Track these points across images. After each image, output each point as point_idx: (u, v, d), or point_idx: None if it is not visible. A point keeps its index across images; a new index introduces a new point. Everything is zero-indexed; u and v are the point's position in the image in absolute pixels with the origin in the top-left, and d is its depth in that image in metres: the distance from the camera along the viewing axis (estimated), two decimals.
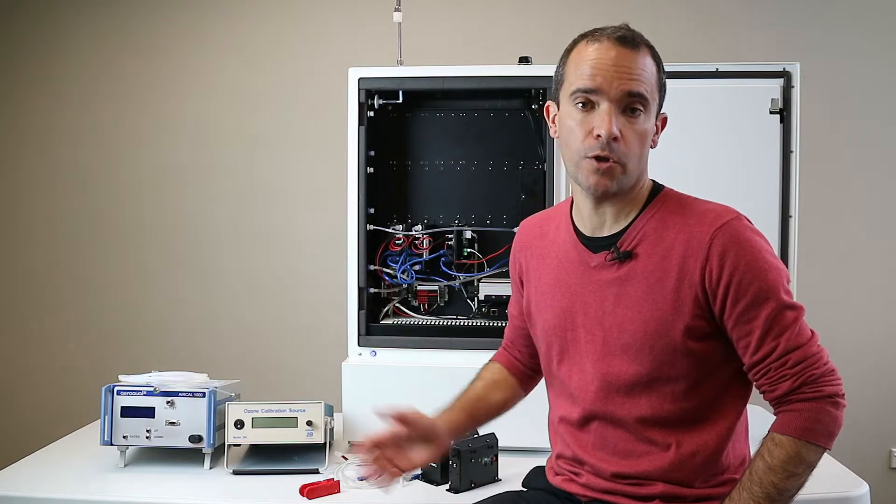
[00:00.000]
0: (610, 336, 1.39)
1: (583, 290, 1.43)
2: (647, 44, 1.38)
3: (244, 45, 3.38)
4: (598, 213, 1.42)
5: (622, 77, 1.32)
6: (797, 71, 2.09)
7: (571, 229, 1.47)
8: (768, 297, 1.30)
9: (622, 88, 1.32)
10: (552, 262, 1.49)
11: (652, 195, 1.42)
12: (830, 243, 3.17)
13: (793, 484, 1.29)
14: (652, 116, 1.38)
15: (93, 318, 3.48)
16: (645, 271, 1.36)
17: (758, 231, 1.36)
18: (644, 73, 1.34)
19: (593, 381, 1.41)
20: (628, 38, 1.35)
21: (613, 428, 1.40)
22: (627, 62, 1.33)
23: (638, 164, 1.37)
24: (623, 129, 1.33)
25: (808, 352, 1.30)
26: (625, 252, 1.38)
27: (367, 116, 2.16)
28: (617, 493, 1.40)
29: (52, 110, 3.47)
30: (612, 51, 1.34)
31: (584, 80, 1.34)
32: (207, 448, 1.93)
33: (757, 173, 2.10)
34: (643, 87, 1.34)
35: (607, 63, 1.33)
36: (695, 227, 1.34)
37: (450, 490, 1.84)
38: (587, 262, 1.43)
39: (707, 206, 1.38)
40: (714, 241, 1.31)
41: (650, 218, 1.39)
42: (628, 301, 1.37)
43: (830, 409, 1.29)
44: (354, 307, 2.17)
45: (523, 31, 3.21)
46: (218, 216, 3.42)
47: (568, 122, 1.38)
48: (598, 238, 1.43)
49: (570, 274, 1.45)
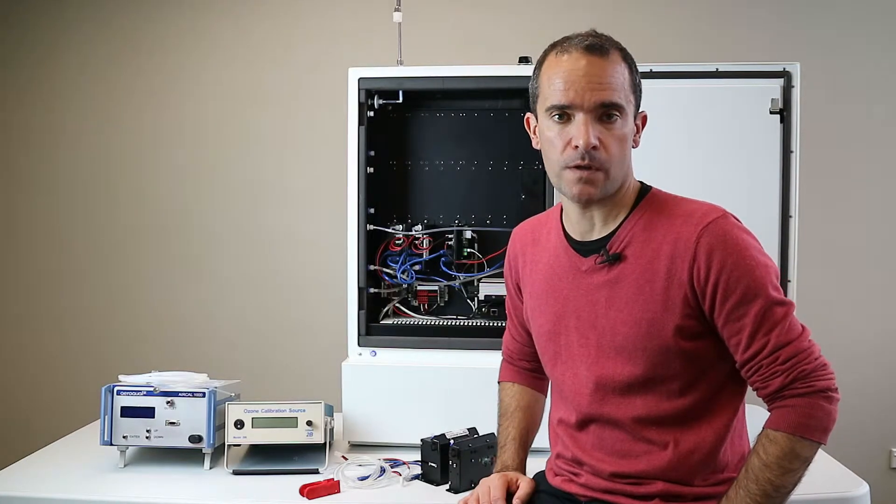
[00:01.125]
0: (603, 339, 1.40)
1: (574, 294, 1.44)
2: (616, 47, 1.38)
3: (244, 45, 3.39)
4: (585, 218, 1.43)
5: (594, 88, 1.33)
6: (797, 71, 2.10)
7: (562, 234, 1.48)
8: (757, 294, 1.30)
9: (595, 100, 1.33)
10: (544, 267, 1.50)
11: (640, 196, 1.43)
12: (830, 243, 3.17)
13: (789, 480, 1.29)
14: (630, 119, 1.38)
15: (93, 318, 3.48)
16: (634, 273, 1.37)
17: (745, 228, 1.36)
18: (615, 79, 1.35)
19: (588, 383, 1.42)
20: (596, 46, 1.35)
21: (611, 429, 1.41)
22: (598, 71, 1.34)
23: (621, 167, 1.38)
24: (601, 136, 1.34)
25: (798, 347, 1.30)
26: (614, 255, 1.39)
27: (367, 116, 2.16)
28: (616, 493, 1.40)
29: (52, 110, 3.47)
30: (581, 61, 1.34)
31: (558, 95, 1.35)
32: (207, 448, 1.93)
33: (757, 173, 2.10)
34: (616, 95, 1.34)
35: (578, 75, 1.34)
36: (682, 227, 1.35)
37: (450, 490, 1.83)
38: (578, 266, 1.44)
39: (693, 206, 1.38)
40: (701, 241, 1.32)
41: (638, 219, 1.40)
42: (619, 303, 1.38)
43: (823, 404, 1.29)
44: (354, 307, 2.17)
45: (523, 31, 3.21)
46: (218, 216, 3.42)
47: (547, 135, 1.39)
48: (588, 242, 1.44)
49: (562, 279, 1.46)
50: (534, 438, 1.65)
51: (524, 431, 1.62)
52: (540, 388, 1.68)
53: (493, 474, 1.53)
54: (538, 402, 1.68)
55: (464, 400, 2.02)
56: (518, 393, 1.67)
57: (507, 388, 1.70)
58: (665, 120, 1.59)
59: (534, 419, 1.66)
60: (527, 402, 1.66)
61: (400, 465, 1.97)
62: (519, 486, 1.50)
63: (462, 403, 2.03)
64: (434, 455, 1.87)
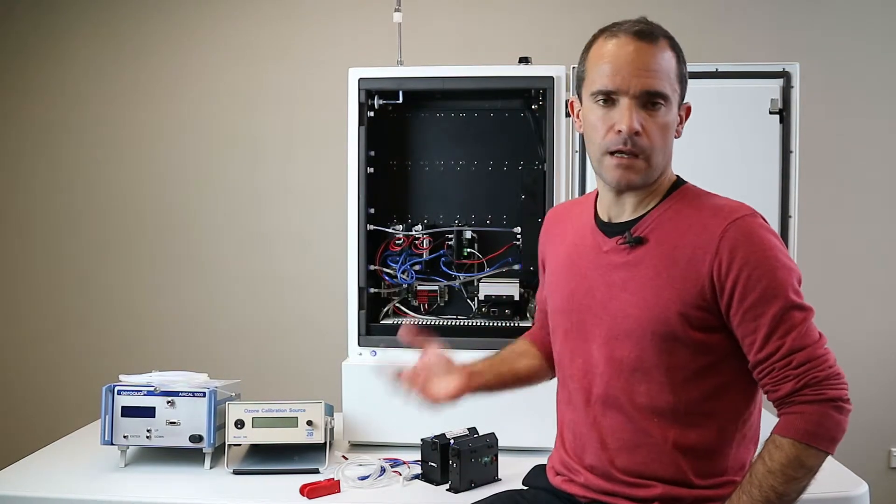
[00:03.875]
0: (615, 320, 1.39)
1: (593, 272, 1.44)
2: (665, 35, 1.38)
3: (245, 45, 3.39)
4: (618, 203, 1.44)
5: (640, 75, 1.33)
6: (797, 71, 2.10)
7: (593, 215, 1.49)
8: (776, 296, 1.29)
9: (641, 87, 1.33)
10: (568, 245, 1.51)
11: (673, 187, 1.43)
12: (830, 243, 3.17)
13: (792, 488, 1.27)
14: (674, 108, 1.38)
15: (93, 318, 3.49)
16: (654, 258, 1.37)
17: (772, 230, 1.36)
18: (662, 67, 1.35)
19: (597, 364, 1.42)
20: (646, 32, 1.35)
21: (613, 414, 1.40)
22: (646, 58, 1.34)
23: (662, 156, 1.38)
24: (644, 123, 1.34)
25: (813, 353, 1.29)
26: (636, 237, 1.39)
27: (367, 116, 2.16)
28: (616, 495, 1.40)
29: (54, 110, 3.47)
30: (629, 46, 1.34)
31: (604, 80, 1.35)
32: (208, 448, 1.93)
33: (756, 173, 2.10)
34: (662, 84, 1.34)
35: (625, 60, 1.34)
36: (709, 219, 1.35)
37: (450, 490, 1.83)
38: (600, 246, 1.44)
39: (724, 202, 1.38)
40: (726, 236, 1.31)
41: (667, 209, 1.40)
42: (634, 286, 1.38)
43: (833, 413, 1.28)
44: (354, 307, 2.17)
45: (523, 31, 3.21)
46: (218, 216, 3.42)
47: (590, 119, 1.39)
48: (614, 224, 1.44)
49: (582, 257, 1.47)
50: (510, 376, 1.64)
51: (497, 360, 1.63)
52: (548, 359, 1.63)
53: None
54: (534, 357, 1.67)
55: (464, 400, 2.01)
56: (523, 343, 1.69)
57: (518, 339, 1.71)
58: None
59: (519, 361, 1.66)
60: (522, 349, 1.67)
61: (400, 464, 1.97)
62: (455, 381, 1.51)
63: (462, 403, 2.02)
64: (434, 455, 1.87)
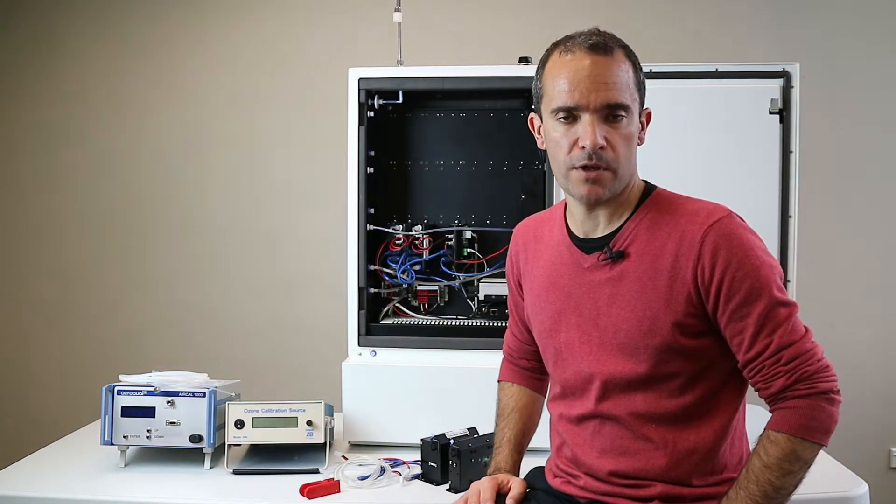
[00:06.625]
0: (605, 336, 1.40)
1: (576, 291, 1.44)
2: (620, 44, 1.38)
3: (245, 45, 3.38)
4: (591, 217, 1.43)
5: (599, 89, 1.33)
6: (797, 71, 2.10)
7: (565, 231, 1.48)
8: (761, 294, 1.30)
9: (601, 101, 1.33)
10: (545, 264, 1.50)
11: (644, 195, 1.43)
12: (830, 243, 3.17)
13: (789, 481, 1.29)
14: (635, 116, 1.38)
15: (93, 318, 3.48)
16: (637, 271, 1.37)
17: (750, 228, 1.36)
18: (620, 79, 1.34)
19: (590, 381, 1.41)
20: (600, 45, 1.35)
21: (611, 426, 1.41)
22: (603, 71, 1.33)
23: (628, 166, 1.38)
24: (608, 136, 1.34)
25: (801, 348, 1.30)
26: (617, 252, 1.39)
27: (367, 116, 2.16)
28: (616, 496, 1.40)
29: (55, 111, 3.47)
30: (585, 60, 1.34)
31: (563, 96, 1.34)
32: (208, 448, 1.93)
33: (756, 173, 2.10)
34: (622, 96, 1.34)
35: (583, 75, 1.33)
36: (686, 225, 1.35)
37: (450, 490, 1.84)
38: (580, 263, 1.44)
39: (699, 205, 1.38)
40: (706, 239, 1.32)
41: (642, 218, 1.40)
42: (622, 301, 1.38)
43: (825, 406, 1.29)
44: (354, 307, 2.18)
45: (523, 31, 3.21)
46: (218, 216, 3.42)
47: (553, 135, 1.38)
48: (591, 239, 1.44)
49: (563, 276, 1.46)
50: (530, 440, 1.64)
51: (520, 433, 1.62)
52: (539, 389, 1.68)
53: (485, 477, 1.53)
54: (536, 402, 1.67)
55: (464, 400, 2.02)
56: (516, 393, 1.67)
57: (506, 387, 1.70)
58: (665, 120, 1.59)
59: (531, 420, 1.66)
60: (524, 402, 1.66)
61: (400, 464, 1.97)
62: (511, 487, 1.50)
63: (462, 403, 2.03)
64: (434, 455, 1.87)
